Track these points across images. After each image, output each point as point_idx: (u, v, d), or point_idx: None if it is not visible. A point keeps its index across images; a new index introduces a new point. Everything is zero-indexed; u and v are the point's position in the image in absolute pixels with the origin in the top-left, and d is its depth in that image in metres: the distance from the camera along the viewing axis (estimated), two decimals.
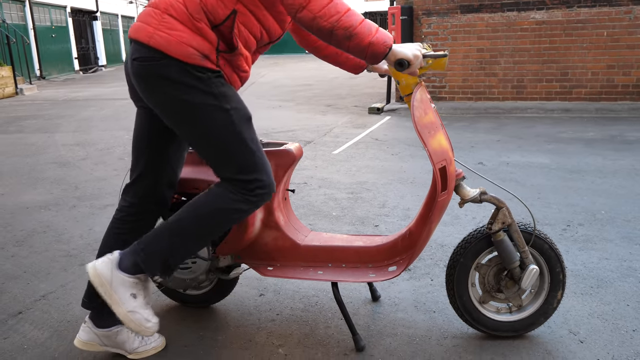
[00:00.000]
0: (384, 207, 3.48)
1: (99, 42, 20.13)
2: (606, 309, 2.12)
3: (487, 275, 1.92)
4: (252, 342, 1.97)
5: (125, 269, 1.69)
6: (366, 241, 2.03)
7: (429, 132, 1.74)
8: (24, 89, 11.28)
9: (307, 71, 15.07)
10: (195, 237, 1.73)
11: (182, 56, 1.56)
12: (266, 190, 1.70)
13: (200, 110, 1.61)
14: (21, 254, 2.87)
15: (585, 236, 2.88)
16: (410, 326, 2.05)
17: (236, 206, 1.68)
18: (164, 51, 1.56)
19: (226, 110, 1.63)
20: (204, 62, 1.59)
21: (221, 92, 1.63)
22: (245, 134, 1.66)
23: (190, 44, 1.57)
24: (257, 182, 1.68)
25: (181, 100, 1.60)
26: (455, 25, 7.57)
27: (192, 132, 1.66)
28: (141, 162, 1.79)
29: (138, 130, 1.80)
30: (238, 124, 1.65)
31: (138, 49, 1.60)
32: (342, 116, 7.33)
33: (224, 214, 1.69)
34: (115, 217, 1.83)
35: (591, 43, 7.10)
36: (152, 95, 1.64)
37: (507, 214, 1.82)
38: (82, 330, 1.85)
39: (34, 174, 4.62)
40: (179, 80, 1.58)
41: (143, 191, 1.80)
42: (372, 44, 1.57)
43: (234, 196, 1.68)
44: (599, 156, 4.66)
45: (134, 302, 1.69)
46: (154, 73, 1.59)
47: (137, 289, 1.71)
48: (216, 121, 1.62)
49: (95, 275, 1.68)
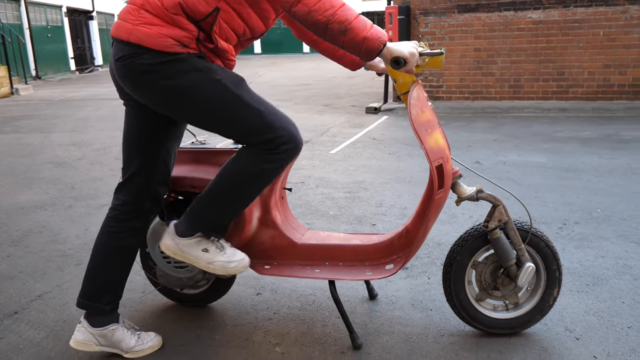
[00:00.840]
0: (382, 206, 3.48)
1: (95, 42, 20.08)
2: (602, 307, 2.13)
3: (483, 273, 1.92)
4: (249, 341, 1.97)
5: (183, 234, 1.80)
6: (363, 239, 2.03)
7: (425, 130, 1.74)
8: (19, 89, 11.24)
9: (305, 71, 15.07)
10: (233, 201, 1.77)
11: (162, 47, 1.57)
12: (290, 145, 1.70)
13: (192, 89, 1.61)
14: (17, 254, 2.86)
15: (581, 234, 2.89)
16: (407, 324, 2.06)
17: (262, 166, 1.70)
18: (144, 45, 1.56)
19: (217, 80, 1.63)
20: (184, 50, 1.60)
21: (205, 66, 1.63)
22: (244, 97, 1.66)
23: (169, 35, 1.57)
24: (278, 140, 1.67)
25: (170, 87, 1.60)
26: (453, 25, 7.58)
27: (193, 113, 1.66)
28: (133, 160, 1.79)
29: (128, 128, 1.80)
30: (233, 89, 1.64)
31: (120, 47, 1.61)
32: (340, 116, 7.33)
33: (254, 177, 1.71)
34: (108, 216, 1.83)
35: (587, 43, 7.12)
36: (142, 92, 1.64)
37: (503, 212, 1.82)
38: (77, 330, 1.84)
39: (29, 174, 4.61)
40: (162, 69, 1.58)
41: (136, 189, 1.80)
42: (367, 39, 1.57)
43: (257, 158, 1.69)
44: (595, 155, 4.67)
45: (208, 255, 1.81)
46: (138, 69, 1.59)
47: (204, 244, 1.81)
48: (211, 94, 1.62)
49: (166, 249, 1.83)
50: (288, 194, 3.78)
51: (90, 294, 1.81)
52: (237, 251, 1.86)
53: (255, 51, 25.24)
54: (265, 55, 24.30)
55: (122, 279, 1.85)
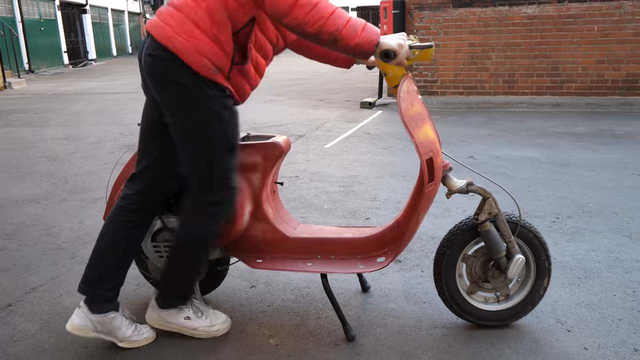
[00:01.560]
0: (375, 200, 3.49)
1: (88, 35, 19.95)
2: (593, 299, 2.15)
3: (474, 266, 1.94)
4: (243, 333, 1.98)
5: (163, 305, 1.93)
6: (355, 233, 2.04)
7: (415, 123, 1.75)
8: (12, 83, 11.16)
9: (300, 66, 15.04)
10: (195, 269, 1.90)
11: (196, 66, 1.61)
12: (219, 209, 1.79)
13: (194, 121, 1.68)
14: (10, 247, 2.86)
15: (573, 228, 2.91)
16: (401, 316, 2.07)
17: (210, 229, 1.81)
18: (179, 57, 1.59)
19: (217, 130, 1.71)
20: (215, 77, 1.64)
21: (219, 113, 1.69)
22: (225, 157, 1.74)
23: (206, 55, 1.61)
24: (216, 205, 1.78)
25: (182, 106, 1.67)
26: (447, 20, 7.59)
27: (185, 135, 1.73)
28: (149, 152, 1.81)
29: (147, 120, 1.82)
30: (222, 145, 1.73)
31: (154, 46, 1.64)
32: (334, 110, 7.33)
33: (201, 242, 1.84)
34: (118, 205, 1.84)
35: (582, 38, 7.15)
36: (159, 93, 1.69)
37: (493, 205, 1.84)
38: (75, 314, 1.84)
39: (23, 167, 4.58)
40: (186, 88, 1.64)
41: (149, 180, 1.82)
42: (359, 44, 1.60)
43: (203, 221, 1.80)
44: (588, 150, 4.70)
45: (190, 322, 1.92)
46: (166, 74, 1.63)
47: (185, 312, 1.92)
48: (203, 134, 1.70)
49: (151, 322, 1.94)
50: (282, 187, 3.79)
51: (92, 279, 1.81)
52: (218, 314, 1.98)
53: None
54: None
55: (125, 267, 1.86)
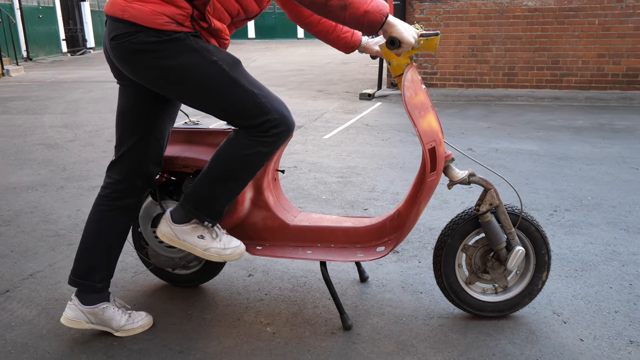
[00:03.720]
0: (374, 191, 3.49)
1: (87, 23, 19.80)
2: (590, 291, 2.16)
3: (473, 257, 1.94)
4: (240, 321, 1.99)
5: (179, 220, 1.81)
6: (355, 222, 2.04)
7: (419, 112, 1.75)
8: (10, 70, 11.09)
9: (299, 56, 14.97)
10: (229, 184, 1.77)
11: (157, 25, 1.56)
12: (282, 128, 1.70)
13: (187, 70, 1.61)
14: (8, 233, 2.85)
15: (571, 221, 2.92)
16: (397, 306, 2.08)
17: (256, 149, 1.70)
18: (138, 22, 1.56)
19: (213, 62, 1.63)
20: (178, 29, 1.59)
21: (201, 47, 1.63)
22: (240, 79, 1.66)
23: (163, 13, 1.57)
24: (269, 123, 1.67)
25: (166, 66, 1.60)
26: (448, 12, 7.55)
27: (187, 93, 1.66)
28: (125, 139, 1.79)
29: (121, 106, 1.79)
30: (229, 71, 1.65)
31: (114, 25, 1.60)
32: (333, 101, 7.31)
33: (248, 159, 1.72)
34: (100, 194, 1.83)
35: (583, 31, 7.12)
36: (137, 71, 1.63)
37: (494, 196, 1.84)
38: (68, 307, 1.85)
39: (21, 155, 4.57)
40: (157, 48, 1.58)
41: (128, 167, 1.80)
42: (368, 12, 1.56)
43: (251, 141, 1.69)
44: (587, 144, 4.70)
45: (203, 241, 1.82)
46: (133, 49, 1.59)
47: (200, 230, 1.82)
48: (207, 75, 1.62)
49: (162, 236, 1.83)
50: (281, 177, 3.78)
51: (81, 271, 1.81)
52: (232, 238, 1.87)
53: (249, 36, 25.02)
54: (260, 40, 24.09)
55: (113, 257, 1.86)
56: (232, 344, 1.84)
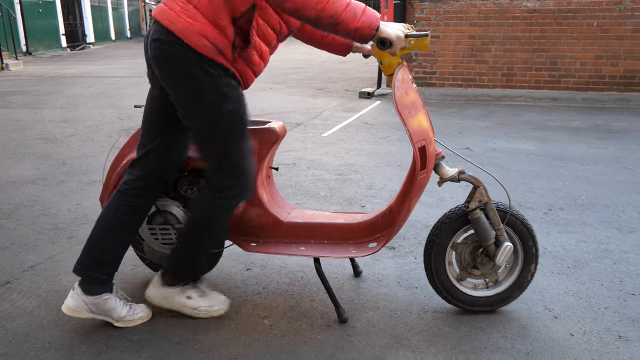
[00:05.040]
0: (371, 189, 3.53)
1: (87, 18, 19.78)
2: (581, 288, 2.20)
3: (463, 253, 1.98)
4: (238, 314, 2.02)
5: (168, 283, 1.95)
6: (348, 218, 2.08)
7: (409, 112, 1.78)
8: (9, 64, 11.09)
9: (299, 54, 14.99)
10: (197, 248, 1.92)
11: (197, 46, 1.63)
12: (238, 200, 1.86)
13: (201, 103, 1.71)
14: (8, 226, 2.88)
15: (565, 220, 2.96)
16: (393, 300, 2.11)
17: (215, 211, 1.84)
18: (181, 38, 1.62)
19: (225, 111, 1.73)
20: (217, 57, 1.66)
21: (225, 92, 1.71)
22: (236, 137, 1.78)
23: (206, 36, 1.63)
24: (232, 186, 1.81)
25: (186, 88, 1.69)
26: (448, 11, 7.58)
27: (190, 119, 1.77)
28: (151, 139, 1.83)
29: (151, 109, 1.85)
30: (232, 126, 1.76)
31: (159, 30, 1.66)
32: (333, 100, 7.34)
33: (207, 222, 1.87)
34: (118, 190, 1.87)
35: (581, 33, 7.16)
36: (165, 78, 1.71)
37: (484, 193, 1.88)
38: (70, 296, 1.88)
39: (20, 149, 4.59)
40: (188, 69, 1.66)
41: (149, 167, 1.84)
42: (358, 29, 1.61)
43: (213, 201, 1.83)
44: (583, 144, 4.74)
45: (192, 301, 1.96)
46: (169, 58, 1.65)
47: (187, 292, 1.96)
48: (211, 117, 1.73)
49: (152, 299, 1.96)
50: (280, 174, 3.82)
51: (88, 263, 1.84)
52: (217, 295, 2.02)
53: None
54: None
55: (121, 251, 1.89)
56: (230, 336, 1.88)
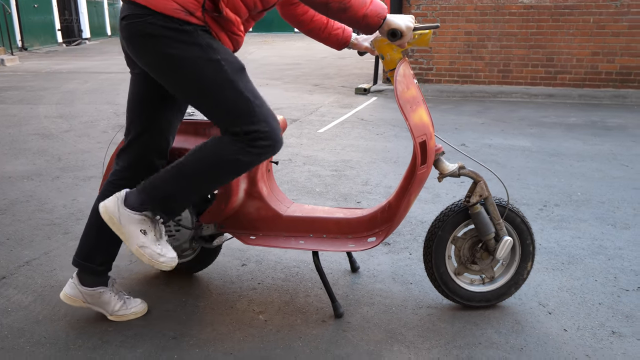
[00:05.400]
0: (367, 185, 3.53)
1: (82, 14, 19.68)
2: (575, 284, 2.21)
3: (462, 248, 1.99)
4: (233, 309, 2.02)
5: (131, 206, 1.71)
6: (347, 213, 2.08)
7: (410, 106, 1.79)
8: (5, 60, 11.04)
9: (295, 50, 14.96)
10: (197, 184, 1.72)
11: (166, 10, 1.57)
12: (269, 142, 1.66)
13: (188, 63, 1.60)
14: (4, 221, 2.87)
15: (560, 216, 2.97)
16: (387, 296, 2.12)
17: (237, 156, 1.65)
18: (148, 6, 1.57)
19: (215, 60, 1.61)
20: (188, 17, 1.59)
21: (207, 44, 1.61)
22: (238, 83, 1.64)
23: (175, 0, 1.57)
24: (258, 134, 1.64)
25: (168, 55, 1.60)
26: (445, 7, 7.57)
27: (183, 87, 1.65)
28: (133, 128, 1.81)
29: (132, 95, 1.82)
30: (230, 73, 1.63)
31: (125, 7, 1.62)
32: (329, 96, 7.33)
33: (226, 164, 1.67)
34: (108, 180, 1.86)
35: (577, 29, 7.17)
36: (142, 55, 1.64)
37: (484, 187, 1.88)
38: (68, 285, 1.90)
39: (16, 144, 4.58)
40: (164, 34, 1.58)
41: (133, 156, 1.83)
42: (367, 16, 1.61)
43: (235, 147, 1.65)
44: (579, 141, 4.75)
45: (144, 237, 1.71)
46: (140, 31, 1.59)
47: (146, 225, 1.72)
48: (206, 72, 1.61)
49: (105, 213, 1.72)
50: (275, 169, 3.82)
51: (83, 253, 1.85)
52: (170, 248, 1.78)
53: None
54: (257, 33, 24.03)
55: (114, 242, 1.88)
56: (225, 331, 1.88)
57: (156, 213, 1.73)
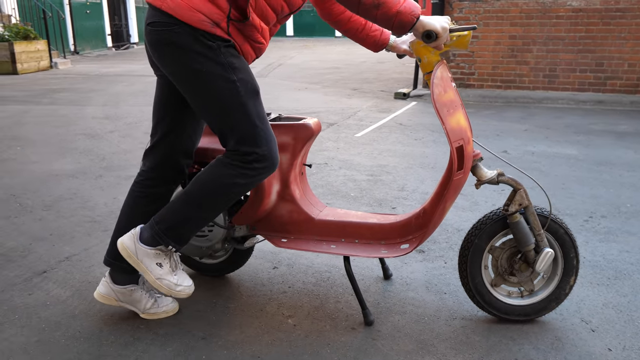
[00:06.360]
0: (403, 190, 3.47)
1: (131, 19, 20.35)
2: (622, 301, 2.09)
3: (500, 258, 1.91)
4: (262, 312, 2.02)
5: (146, 241, 1.78)
6: (380, 219, 2.04)
7: (447, 110, 1.74)
8: (58, 63, 11.52)
9: (336, 54, 14.98)
10: (203, 210, 1.77)
11: (192, 22, 1.58)
12: (265, 164, 1.71)
13: (206, 78, 1.63)
14: (48, 217, 2.98)
15: (607, 228, 2.83)
16: (420, 305, 2.07)
17: (235, 180, 1.71)
18: (174, 16, 1.58)
19: (232, 81, 1.64)
20: (213, 29, 1.61)
21: (229, 62, 1.64)
22: (249, 106, 1.67)
23: (200, 10, 1.59)
24: (255, 155, 1.69)
25: (189, 67, 1.63)
26: (488, 11, 7.40)
27: (197, 98, 1.69)
28: (159, 129, 1.84)
29: (157, 97, 1.85)
30: (243, 95, 1.66)
31: (152, 13, 1.64)
32: (368, 100, 7.29)
33: (225, 188, 1.73)
34: (135, 180, 1.90)
35: (630, 33, 6.86)
36: (164, 62, 1.68)
37: (524, 196, 1.81)
38: (101, 284, 1.94)
39: (64, 144, 4.75)
40: (187, 47, 1.61)
41: (159, 157, 1.85)
42: (400, 12, 1.58)
43: (233, 170, 1.70)
44: (629, 150, 4.53)
45: (160, 270, 1.79)
46: (165, 39, 1.62)
47: (161, 258, 1.80)
48: (220, 91, 1.64)
49: (123, 249, 1.79)
50: (309, 172, 3.81)
51: (114, 252, 1.88)
52: (187, 277, 1.86)
53: (287, 34, 25.18)
54: (298, 38, 24.22)
55: None
56: (254, 334, 1.87)
57: (168, 243, 1.78)
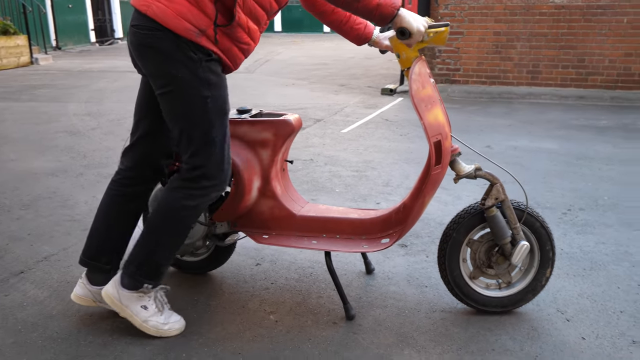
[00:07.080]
0: (388, 186, 3.49)
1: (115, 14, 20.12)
2: (596, 291, 2.13)
3: (478, 252, 1.94)
4: (244, 308, 2.02)
5: (127, 285, 1.78)
6: (361, 214, 2.05)
7: (425, 105, 1.75)
8: (39, 59, 11.36)
9: (323, 50, 14.96)
10: (167, 235, 1.76)
11: (178, 30, 1.57)
12: (212, 182, 1.72)
13: (181, 85, 1.63)
14: (27, 217, 2.94)
15: (584, 220, 2.87)
16: (401, 299, 2.09)
17: (182, 203, 1.72)
18: (161, 23, 1.57)
19: (205, 96, 1.64)
20: (198, 39, 1.60)
21: (206, 77, 1.64)
22: (214, 125, 1.68)
23: (187, 18, 1.58)
24: (203, 170, 1.69)
25: (167, 72, 1.62)
26: (473, 7, 7.44)
27: (167, 102, 1.69)
28: (140, 128, 1.83)
29: (140, 95, 1.84)
30: (211, 112, 1.67)
31: (138, 16, 1.63)
32: (355, 96, 7.30)
33: (175, 212, 1.73)
34: (112, 179, 1.88)
35: (610, 30, 6.95)
36: (143, 62, 1.67)
37: (500, 190, 1.83)
38: (78, 285, 1.92)
39: (44, 141, 4.69)
40: (169, 53, 1.60)
41: (139, 156, 1.84)
42: (380, 5, 1.60)
43: (178, 193, 1.72)
44: (609, 144, 4.60)
45: (145, 312, 1.80)
46: (148, 43, 1.61)
47: (145, 300, 1.80)
48: (192, 101, 1.65)
49: (107, 297, 1.80)
50: (295, 169, 3.81)
51: (90, 252, 1.87)
52: (173, 313, 1.87)
53: (275, 29, 25.09)
54: (286, 34, 24.14)
55: (122, 241, 1.90)
56: (235, 330, 1.88)
57: (143, 282, 1.77)
